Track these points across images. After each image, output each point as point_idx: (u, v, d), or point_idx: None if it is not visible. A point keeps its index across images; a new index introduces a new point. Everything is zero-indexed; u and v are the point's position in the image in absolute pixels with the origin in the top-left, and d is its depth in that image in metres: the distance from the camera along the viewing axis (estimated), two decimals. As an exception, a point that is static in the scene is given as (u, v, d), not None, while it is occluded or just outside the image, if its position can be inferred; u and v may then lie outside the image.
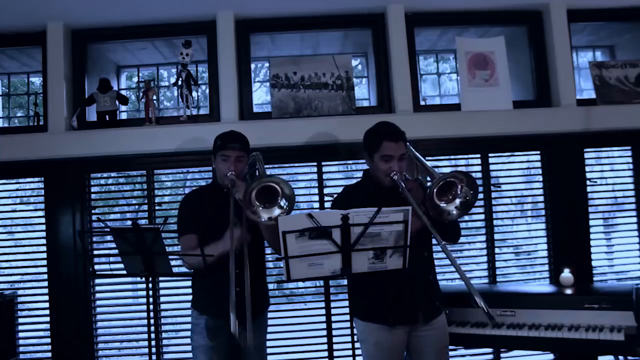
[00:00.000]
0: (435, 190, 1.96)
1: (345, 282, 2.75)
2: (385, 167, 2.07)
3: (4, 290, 2.99)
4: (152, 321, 2.21)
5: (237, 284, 1.82)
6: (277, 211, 1.98)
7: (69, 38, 3.16)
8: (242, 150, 2.23)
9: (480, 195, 3.11)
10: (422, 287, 2.14)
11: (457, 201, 2.00)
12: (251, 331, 1.79)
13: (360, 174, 2.32)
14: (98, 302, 3.07)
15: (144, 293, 2.40)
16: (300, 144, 3.02)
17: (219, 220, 2.12)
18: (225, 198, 2.13)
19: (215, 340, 2.19)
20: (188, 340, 2.29)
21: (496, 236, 3.16)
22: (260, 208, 1.99)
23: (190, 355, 2.29)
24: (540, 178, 3.21)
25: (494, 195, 3.17)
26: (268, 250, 2.46)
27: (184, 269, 2.33)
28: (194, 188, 2.52)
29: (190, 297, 2.33)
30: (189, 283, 2.37)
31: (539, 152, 3.21)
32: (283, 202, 1.99)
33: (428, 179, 2.17)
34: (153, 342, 2.77)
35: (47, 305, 3.00)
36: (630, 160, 3.23)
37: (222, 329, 2.17)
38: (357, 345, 2.25)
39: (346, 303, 2.41)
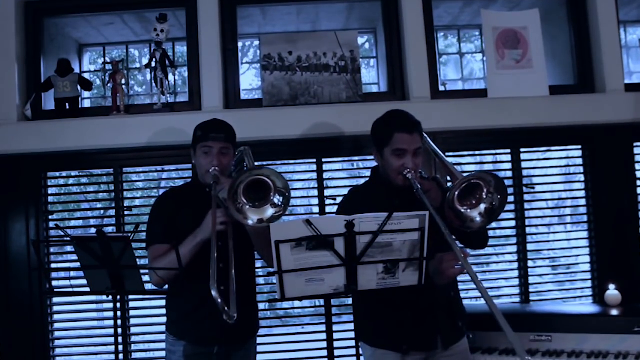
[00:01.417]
0: (457, 193, 1.96)
1: (350, 301, 2.75)
2: (397, 163, 2.07)
3: (-55, 311, 2.99)
4: (120, 347, 2.20)
5: (220, 282, 1.84)
6: (270, 211, 1.99)
7: (22, 11, 3.17)
8: (226, 141, 2.22)
9: (511, 199, 3.11)
10: (442, 307, 2.14)
11: (482, 207, 1.99)
12: (235, 304, 1.81)
13: (367, 173, 2.33)
14: (56, 325, 3.06)
15: (111, 314, 2.40)
16: (297, 137, 3.02)
17: (199, 226, 2.12)
18: (206, 199, 2.12)
19: (195, 370, 2.19)
20: (163, 371, 2.30)
21: (529, 247, 3.16)
22: (248, 207, 1.99)
23: (165, 387, 2.29)
24: (582, 177, 3.22)
25: (526, 197, 3.18)
26: (258, 264, 2.45)
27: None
28: (170, 188, 2.52)
29: (165, 319, 2.33)
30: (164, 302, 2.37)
31: (580, 147, 3.22)
32: (277, 199, 1.99)
33: (448, 178, 2.17)
34: (122, 373, 2.78)
35: (-5, 328, 3.00)
36: (688, 156, 3.23)
37: (203, 356, 2.17)
38: (364, 375, 2.25)
39: (351, 326, 2.42)
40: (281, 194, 1.99)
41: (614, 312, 2.63)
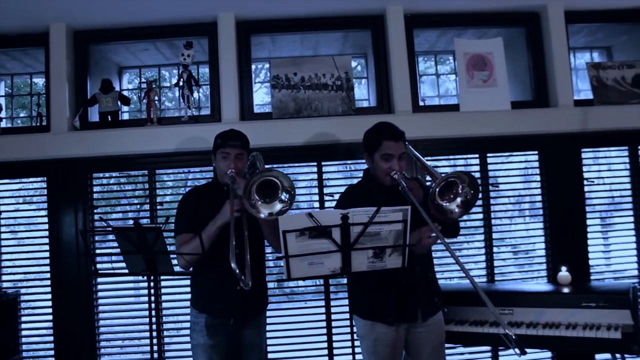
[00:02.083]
0: (437, 189, 1.97)
1: (345, 281, 2.75)
2: (385, 166, 2.08)
3: (7, 289, 2.99)
4: (153, 319, 2.21)
5: (237, 246, 1.86)
6: (278, 206, 1.99)
7: (71, 39, 3.16)
8: (242, 148, 2.23)
9: (479, 195, 3.10)
10: (422, 286, 2.15)
11: (458, 200, 2.01)
12: (250, 274, 1.85)
13: (360, 174, 2.33)
14: (100, 301, 3.07)
15: (145, 292, 2.39)
16: (301, 144, 3.02)
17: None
18: (225, 196, 2.14)
19: (214, 338, 2.19)
20: (189, 339, 2.29)
21: (494, 235, 3.16)
22: (260, 203, 1.99)
23: (191, 353, 2.29)
24: (538, 178, 3.21)
25: (492, 194, 3.17)
26: (268, 250, 2.45)
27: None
28: (193, 187, 2.52)
29: (189, 296, 2.33)
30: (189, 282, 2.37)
31: (537, 152, 3.21)
32: (284, 196, 2.00)
33: (428, 178, 2.17)
34: (155, 341, 2.77)
35: (49, 304, 3.00)
36: (627, 160, 3.23)
37: (221, 327, 2.18)
38: (356, 343, 2.25)
39: (346, 302, 2.42)
40: (287, 192, 2.00)
41: (565, 290, 2.63)
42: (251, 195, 1.97)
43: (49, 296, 3.00)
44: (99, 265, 2.89)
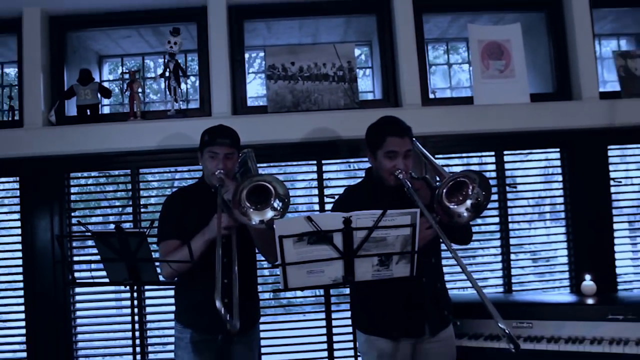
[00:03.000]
0: (444, 190, 1.96)
1: (347, 290, 2.75)
2: (389, 164, 2.08)
3: (-24, 300, 2.99)
4: (137, 333, 2.21)
5: (224, 275, 1.81)
6: (269, 213, 1.99)
7: (47, 25, 3.16)
8: (232, 146, 2.21)
9: (495, 197, 3.11)
10: (430, 297, 2.14)
11: (468, 202, 2.00)
12: (237, 316, 1.79)
13: (363, 173, 2.32)
14: (78, 313, 3.07)
15: (128, 303, 2.40)
16: (299, 140, 3.02)
17: (205, 223, 2.12)
18: (212, 198, 2.13)
19: (201, 355, 2.18)
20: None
21: (512, 241, 3.16)
22: (252, 210, 1.99)
23: (177, 370, 2.29)
24: (560, 178, 3.21)
25: (509, 196, 3.17)
26: (261, 257, 2.45)
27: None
28: (178, 188, 2.51)
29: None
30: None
31: (558, 150, 3.21)
32: (276, 204, 1.99)
33: (437, 178, 2.17)
34: (138, 356, 2.77)
35: (22, 316, 2.99)
36: (658, 158, 3.23)
37: (208, 343, 2.17)
38: (360, 359, 2.25)
39: (349, 314, 2.42)
40: (281, 199, 2.00)
41: (590, 301, 2.62)
42: (241, 202, 1.97)
43: (22, 307, 3.00)
44: (76, 274, 2.89)
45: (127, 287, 2.12)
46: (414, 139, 2.16)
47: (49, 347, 2.98)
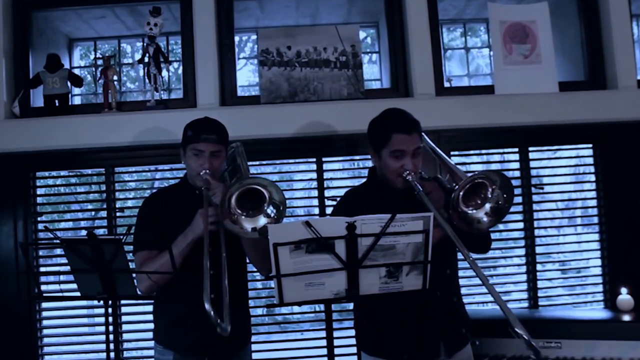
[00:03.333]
0: (461, 194, 1.96)
1: (351, 306, 2.75)
2: (396, 165, 2.07)
3: None
4: (112, 354, 2.20)
5: (212, 289, 1.81)
6: (263, 220, 1.99)
7: (9, 4, 3.17)
8: (218, 143, 2.20)
9: (519, 199, 3.11)
10: (445, 312, 2.14)
11: (487, 206, 2.00)
12: (228, 319, 1.77)
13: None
14: (45, 331, 3.07)
15: (102, 320, 2.39)
16: (296, 135, 3.03)
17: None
18: (196, 202, 2.12)
19: (184, 380, 2.18)
20: (156, 378, 2.29)
21: (538, 250, 3.16)
22: (243, 216, 1.99)
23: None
24: (593, 177, 3.22)
25: (535, 198, 3.18)
26: (253, 268, 2.45)
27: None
28: (158, 189, 2.51)
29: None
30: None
31: (591, 145, 3.22)
32: (270, 210, 1.99)
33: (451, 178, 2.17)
34: (113, 381, 2.77)
35: (-18, 334, 3.00)
36: None
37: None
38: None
39: (352, 332, 2.42)
40: (276, 206, 2.00)
41: (626, 318, 2.63)
42: (231, 208, 1.97)
43: (-18, 325, 3.00)
44: (43, 287, 2.89)
45: (101, 302, 2.12)
46: (423, 133, 2.16)
47: (12, 369, 2.98)
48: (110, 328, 2.21)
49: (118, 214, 3.09)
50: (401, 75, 3.24)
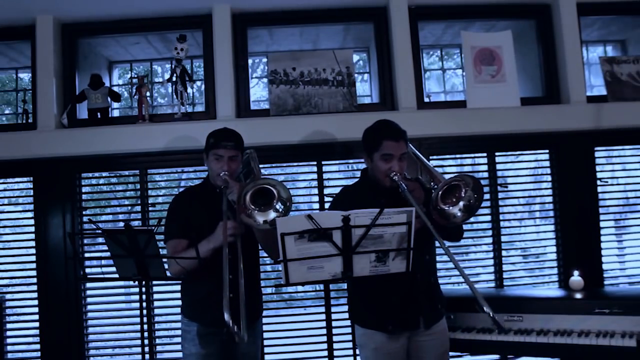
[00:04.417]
0: (440, 193, 1.97)
1: (345, 286, 2.75)
2: (385, 166, 2.08)
3: (-8, 294, 2.99)
4: (145, 326, 2.21)
5: (230, 289, 1.81)
6: (272, 214, 1.99)
7: (59, 32, 3.16)
8: (235, 149, 2.22)
9: (487, 196, 3.11)
10: (424, 292, 2.14)
11: (461, 204, 2.01)
12: (245, 327, 1.77)
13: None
14: (89, 307, 3.07)
15: (137, 297, 2.39)
16: (299, 142, 3.02)
17: (212, 222, 2.12)
18: (217, 198, 2.14)
19: (207, 348, 2.18)
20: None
21: (503, 238, 3.16)
22: (256, 211, 1.99)
23: (184, 361, 2.28)
24: (549, 178, 3.21)
25: (500, 195, 3.17)
26: (264, 254, 2.45)
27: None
28: (185, 188, 2.52)
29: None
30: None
31: (547, 151, 3.21)
32: (279, 206, 1.99)
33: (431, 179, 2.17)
34: (147, 348, 2.77)
35: (36, 309, 3.00)
36: (642, 159, 3.23)
37: (214, 336, 2.17)
38: (358, 351, 2.25)
39: (347, 308, 2.42)
40: (283, 202, 2.00)
41: (577, 296, 2.62)
42: (246, 204, 1.97)
43: (36, 302, 3.00)
44: (87, 270, 2.90)
45: (136, 283, 2.13)
46: (408, 142, 2.16)
47: (62, 340, 2.98)
48: (144, 304, 2.21)
49: (150, 208, 3.09)
50: (388, 92, 3.24)
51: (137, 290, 2.25)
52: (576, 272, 2.80)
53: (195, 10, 3.16)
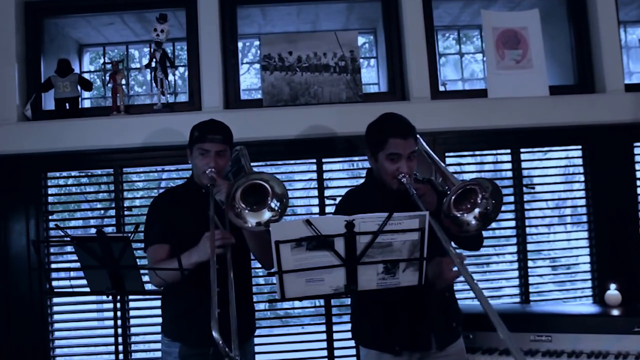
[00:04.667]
0: (452, 198, 1.95)
1: (349, 301, 2.75)
2: (391, 167, 2.07)
3: (-55, 311, 2.99)
4: (120, 347, 2.20)
5: (219, 303, 1.80)
6: (267, 214, 1.99)
7: (22, 11, 3.16)
8: (223, 143, 2.21)
9: (511, 199, 3.11)
10: (436, 307, 2.14)
11: (476, 211, 1.99)
12: (237, 346, 1.77)
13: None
14: (56, 325, 3.06)
15: (110, 314, 2.39)
16: (297, 137, 3.02)
17: (197, 226, 2.11)
18: (203, 199, 2.13)
19: (191, 372, 2.18)
20: (163, 371, 2.29)
21: (529, 247, 3.16)
22: (247, 211, 1.99)
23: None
24: (582, 177, 3.21)
25: (526, 197, 3.17)
26: (257, 264, 2.45)
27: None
28: (166, 189, 2.52)
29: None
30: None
31: (580, 147, 3.21)
32: (274, 204, 1.99)
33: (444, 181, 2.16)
34: (122, 373, 2.77)
35: (-5, 328, 3.00)
36: (688, 156, 3.23)
37: (199, 357, 2.17)
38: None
39: (350, 326, 2.42)
40: (279, 199, 1.99)
41: (614, 312, 2.62)
42: (235, 203, 1.96)
43: (-5, 319, 3.00)
44: (54, 283, 2.89)
45: (110, 297, 2.12)
46: (418, 136, 2.15)
47: (25, 362, 2.98)
48: (119, 322, 2.21)
49: (126, 212, 3.09)
50: (398, 80, 3.24)
51: (111, 306, 2.24)
52: (613, 286, 2.80)
53: (177, -14, 3.17)
